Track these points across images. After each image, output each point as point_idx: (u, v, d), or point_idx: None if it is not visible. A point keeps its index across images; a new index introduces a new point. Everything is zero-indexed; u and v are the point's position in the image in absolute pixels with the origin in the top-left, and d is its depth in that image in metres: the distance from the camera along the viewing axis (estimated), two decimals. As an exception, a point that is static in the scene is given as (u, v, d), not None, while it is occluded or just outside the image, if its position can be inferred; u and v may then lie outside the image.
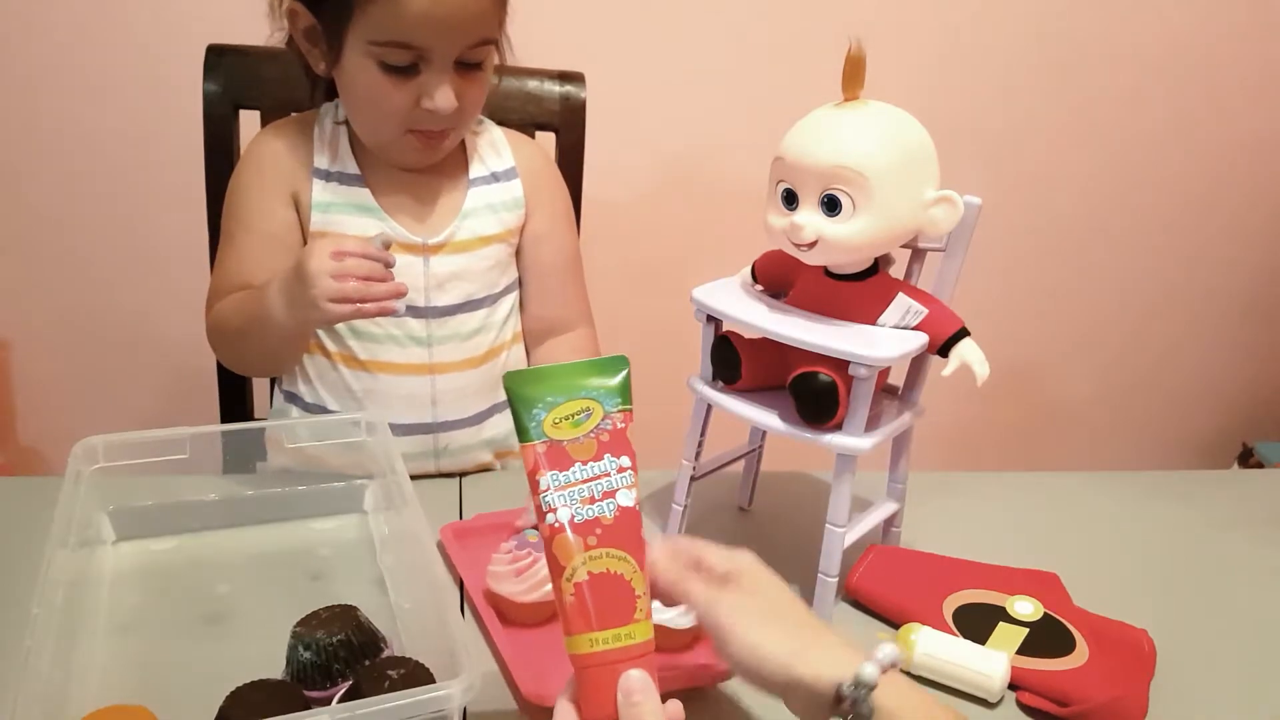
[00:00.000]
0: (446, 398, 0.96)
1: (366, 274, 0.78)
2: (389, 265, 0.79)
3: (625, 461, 0.52)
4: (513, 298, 1.01)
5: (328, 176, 0.92)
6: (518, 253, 1.01)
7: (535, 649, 0.69)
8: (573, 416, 0.53)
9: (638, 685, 0.49)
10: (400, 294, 0.79)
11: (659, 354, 1.44)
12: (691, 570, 0.56)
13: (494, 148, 0.99)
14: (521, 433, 0.53)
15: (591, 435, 0.52)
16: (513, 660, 0.67)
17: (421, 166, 0.93)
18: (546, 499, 0.51)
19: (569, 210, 1.06)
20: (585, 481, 0.51)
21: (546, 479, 0.51)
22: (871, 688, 0.50)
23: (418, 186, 0.94)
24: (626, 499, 0.52)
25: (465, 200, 0.95)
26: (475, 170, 0.97)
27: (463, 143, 0.97)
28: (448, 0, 0.80)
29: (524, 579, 0.72)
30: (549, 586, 0.69)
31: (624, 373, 0.54)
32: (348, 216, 0.91)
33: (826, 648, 0.52)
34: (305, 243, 0.92)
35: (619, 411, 0.53)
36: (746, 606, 0.53)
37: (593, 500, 0.51)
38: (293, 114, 0.98)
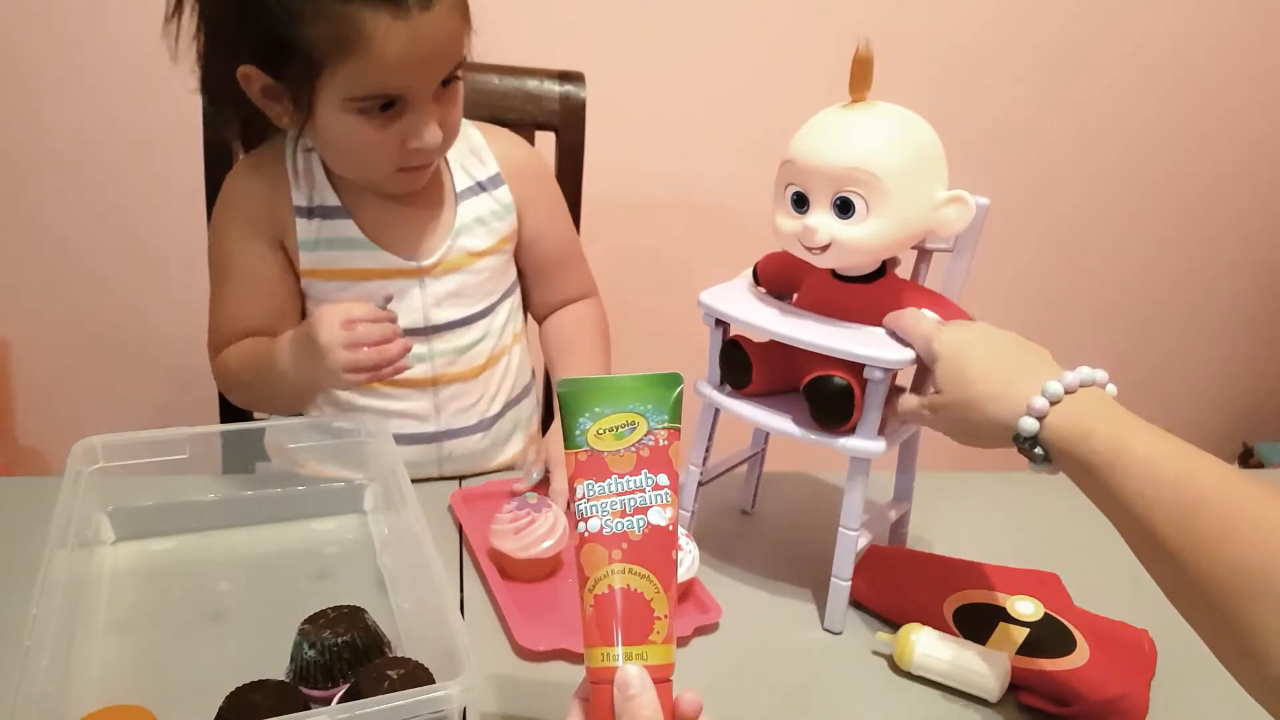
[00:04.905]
0: (450, 407, 0.96)
1: (378, 339, 0.78)
2: (394, 321, 0.80)
3: (663, 480, 0.52)
4: (510, 300, 1.00)
5: (309, 213, 0.89)
6: (517, 251, 1.00)
7: (530, 601, 0.76)
8: (616, 429, 0.53)
9: (634, 679, 0.48)
10: (409, 349, 0.80)
11: (660, 355, 1.43)
12: None
13: (475, 154, 0.96)
14: (567, 439, 0.53)
15: (632, 449, 0.52)
16: (509, 611, 0.74)
17: (408, 192, 0.90)
18: (580, 507, 0.52)
19: (559, 198, 1.04)
20: (619, 495, 0.51)
21: (582, 488, 0.52)
22: (1033, 438, 0.60)
23: (404, 211, 0.91)
24: (659, 517, 0.52)
25: (455, 218, 0.93)
26: (460, 182, 0.94)
27: (444, 156, 0.94)
28: (422, 41, 0.76)
29: (521, 537, 0.77)
30: (545, 544, 0.77)
31: (676, 391, 0.54)
32: (337, 251, 0.89)
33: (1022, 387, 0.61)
34: (297, 279, 0.91)
35: (664, 429, 0.53)
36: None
37: (624, 514, 0.51)
38: (263, 144, 0.93)
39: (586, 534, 0.51)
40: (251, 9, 0.75)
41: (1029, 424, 0.60)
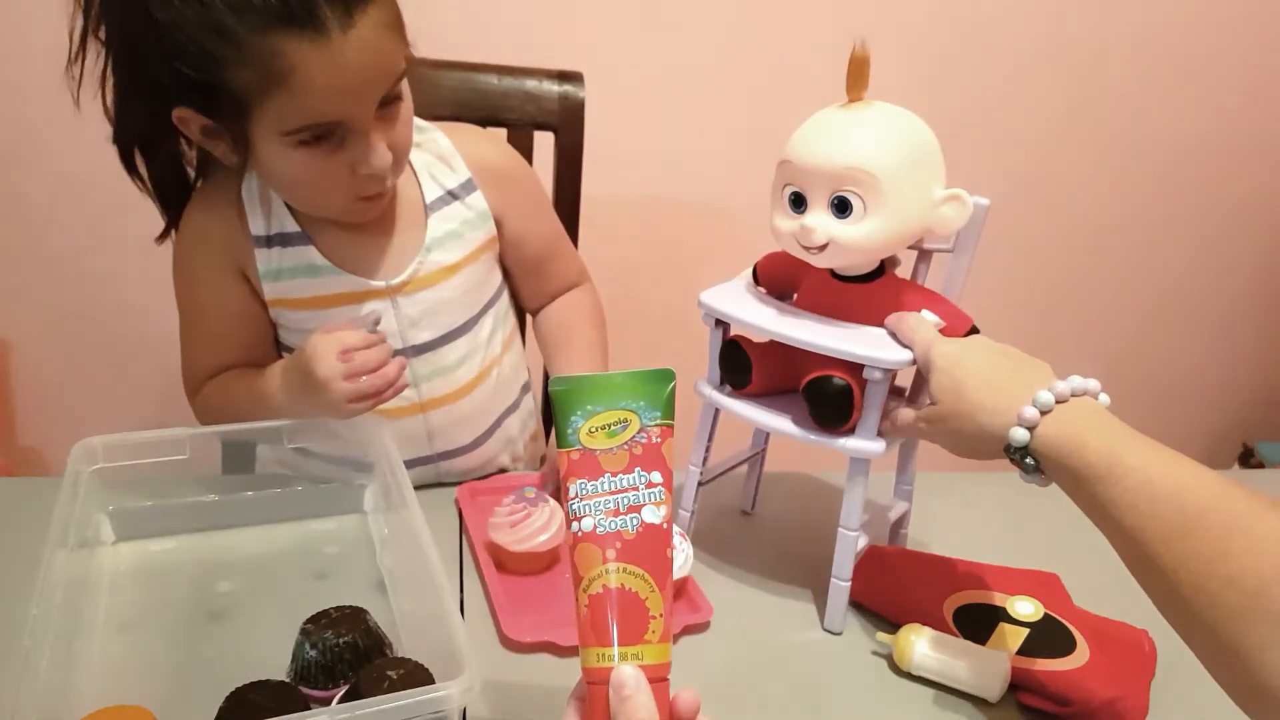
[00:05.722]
0: (443, 431, 0.94)
1: (376, 364, 0.77)
2: (384, 339, 0.80)
3: (656, 478, 0.52)
4: (495, 310, 0.97)
5: (269, 242, 0.86)
6: (502, 252, 0.97)
7: (522, 594, 0.78)
8: (609, 426, 0.52)
9: (630, 680, 0.48)
10: (405, 366, 0.80)
11: (660, 355, 1.43)
12: None
13: (443, 160, 0.91)
14: (559, 438, 0.53)
15: (625, 447, 0.52)
16: (499, 603, 0.75)
17: (370, 219, 0.86)
18: (573, 507, 0.51)
19: (538, 192, 1.01)
20: (612, 493, 0.51)
21: (575, 487, 0.52)
22: (1023, 448, 0.60)
23: (368, 229, 0.87)
24: (653, 516, 0.51)
25: (426, 233, 0.89)
26: (430, 192, 0.90)
27: (410, 165, 0.89)
28: (349, 64, 0.71)
29: (517, 530, 0.78)
30: (541, 538, 0.78)
31: (669, 387, 0.53)
32: (300, 280, 0.86)
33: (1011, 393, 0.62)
34: (265, 309, 0.88)
35: (657, 426, 0.53)
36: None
37: (617, 513, 0.51)
38: (216, 177, 0.88)
39: (580, 533, 0.51)
40: (172, 54, 0.70)
41: (1019, 434, 0.60)
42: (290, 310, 0.88)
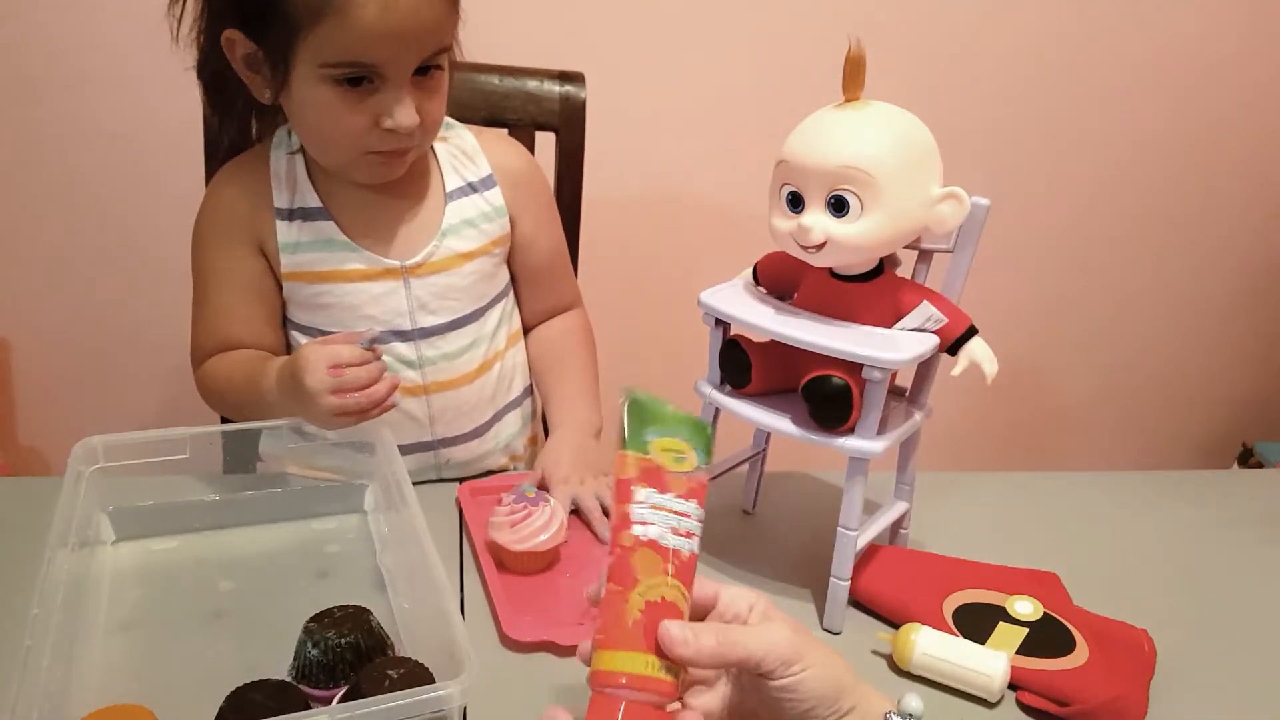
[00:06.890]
0: (444, 416, 0.95)
1: (366, 382, 0.78)
2: (379, 357, 0.80)
3: (702, 515, 0.53)
4: (503, 304, 0.98)
5: (290, 215, 0.88)
6: (509, 256, 0.99)
7: (522, 593, 0.78)
8: (674, 452, 0.54)
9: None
10: (396, 386, 0.80)
11: (660, 356, 1.43)
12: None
13: (467, 155, 0.95)
14: (631, 439, 0.54)
15: (685, 477, 0.54)
16: (500, 602, 0.75)
17: (383, 182, 0.88)
18: (639, 511, 0.52)
19: (551, 203, 1.03)
20: (676, 514, 0.52)
21: (644, 493, 0.52)
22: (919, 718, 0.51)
23: (388, 209, 0.90)
24: (696, 547, 0.53)
25: (443, 217, 0.92)
26: (451, 182, 0.93)
27: (434, 155, 0.94)
28: (400, 12, 0.76)
29: (517, 530, 0.78)
30: (541, 538, 0.78)
31: (709, 432, 0.56)
32: (317, 253, 0.89)
33: (859, 681, 0.54)
34: (278, 284, 0.90)
35: (704, 470, 0.55)
36: (790, 635, 0.53)
37: (677, 532, 0.52)
38: (247, 150, 0.93)
39: (644, 538, 0.51)
40: None
41: None
42: (305, 284, 0.89)
